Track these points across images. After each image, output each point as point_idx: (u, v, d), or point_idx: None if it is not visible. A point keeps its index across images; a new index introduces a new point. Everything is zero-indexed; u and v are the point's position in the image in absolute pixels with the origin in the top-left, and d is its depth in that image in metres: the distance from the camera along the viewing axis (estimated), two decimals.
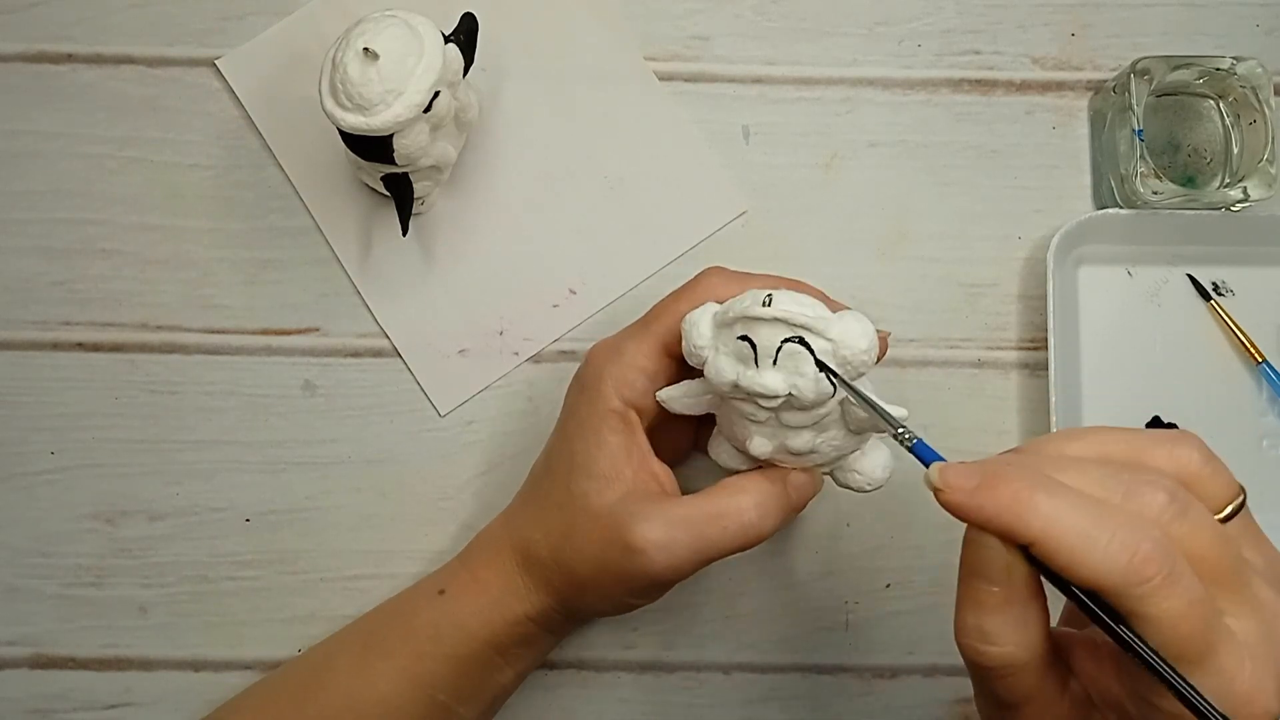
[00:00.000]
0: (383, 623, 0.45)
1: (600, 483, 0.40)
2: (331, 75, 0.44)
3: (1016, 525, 0.28)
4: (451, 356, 0.51)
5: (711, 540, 0.39)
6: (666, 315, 0.41)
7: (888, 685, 0.50)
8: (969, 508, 0.29)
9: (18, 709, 0.49)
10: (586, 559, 0.40)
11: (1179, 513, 0.28)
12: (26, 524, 0.50)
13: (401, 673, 0.43)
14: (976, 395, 0.52)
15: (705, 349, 0.38)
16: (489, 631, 0.43)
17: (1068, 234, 0.50)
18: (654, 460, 0.41)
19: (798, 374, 0.36)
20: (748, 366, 0.37)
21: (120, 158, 0.52)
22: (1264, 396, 0.52)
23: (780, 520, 0.40)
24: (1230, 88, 0.51)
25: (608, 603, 0.42)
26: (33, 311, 0.51)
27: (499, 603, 0.43)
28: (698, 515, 0.39)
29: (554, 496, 0.42)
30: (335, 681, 0.44)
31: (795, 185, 0.53)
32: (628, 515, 0.39)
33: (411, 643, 0.43)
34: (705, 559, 0.39)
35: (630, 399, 0.41)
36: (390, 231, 0.51)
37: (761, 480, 0.40)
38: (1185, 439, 0.31)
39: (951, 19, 0.54)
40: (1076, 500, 0.28)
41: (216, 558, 0.50)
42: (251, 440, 0.51)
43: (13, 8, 0.53)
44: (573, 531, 0.41)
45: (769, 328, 0.36)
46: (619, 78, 0.53)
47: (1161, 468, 0.30)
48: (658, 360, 0.41)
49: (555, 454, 0.43)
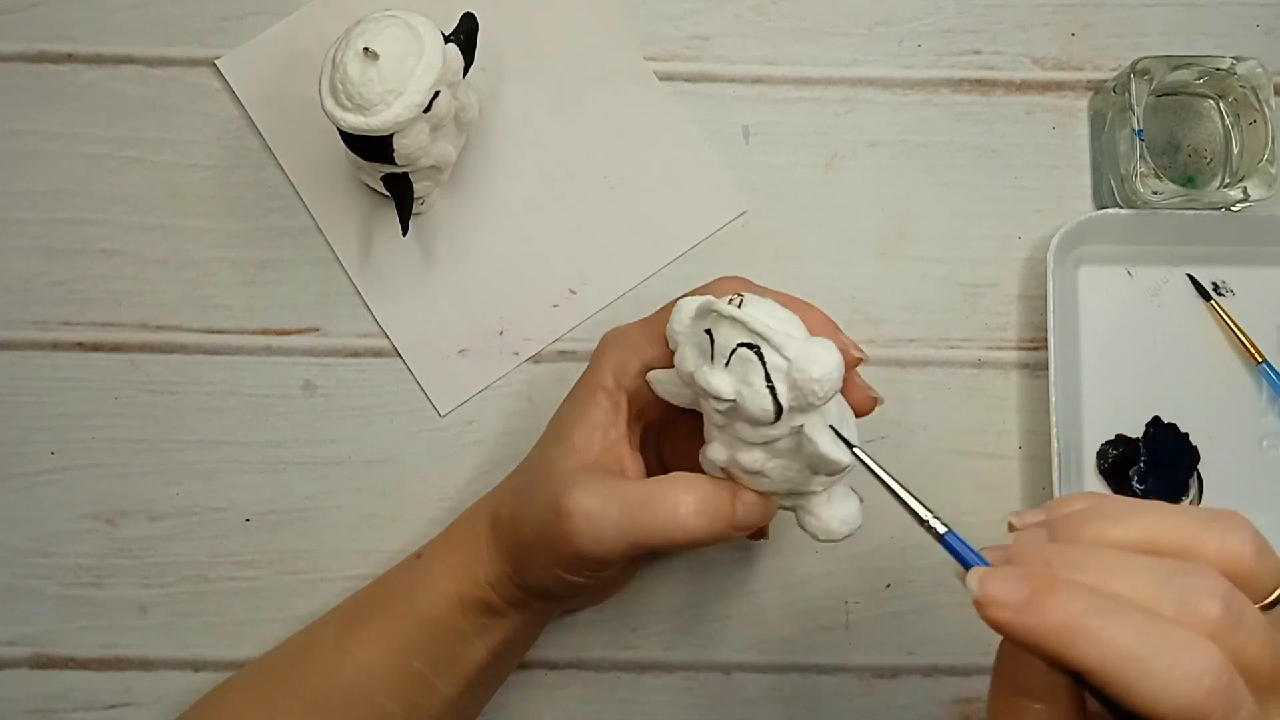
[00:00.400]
0: (365, 593, 0.46)
1: (566, 450, 0.40)
2: (331, 75, 0.44)
3: (1071, 654, 0.27)
4: (451, 356, 0.51)
5: (640, 523, 0.37)
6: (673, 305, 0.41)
7: (888, 685, 0.50)
8: (1017, 628, 0.27)
9: (18, 709, 0.49)
10: (531, 520, 0.40)
11: (1234, 624, 0.27)
12: (26, 524, 0.50)
13: (379, 638, 0.43)
14: (976, 395, 0.52)
15: (679, 334, 0.38)
16: (456, 593, 0.43)
17: (1068, 234, 0.50)
18: (626, 446, 0.41)
19: (746, 383, 0.35)
20: (705, 362, 0.36)
21: (120, 158, 0.52)
22: (1264, 396, 0.52)
23: (717, 530, 0.38)
24: (1230, 88, 0.51)
25: (546, 574, 0.41)
26: (33, 311, 0.51)
27: (466, 564, 0.43)
28: (633, 496, 0.38)
29: (531, 460, 0.43)
30: (319, 654, 0.44)
31: (795, 185, 0.53)
32: (570, 481, 0.39)
33: (388, 605, 0.44)
34: (632, 542, 0.38)
35: (624, 383, 0.41)
36: (390, 231, 0.51)
37: (710, 484, 0.38)
38: (1235, 524, 0.29)
39: (951, 19, 0.54)
40: (1132, 623, 0.26)
41: (216, 558, 0.50)
42: (251, 440, 0.51)
43: (13, 8, 0.53)
44: (531, 492, 0.41)
45: (730, 328, 0.35)
46: (619, 78, 0.53)
47: (1211, 560, 0.28)
48: (657, 348, 0.41)
49: (549, 424, 0.43)
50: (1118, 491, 0.51)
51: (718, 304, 0.36)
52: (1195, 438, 0.51)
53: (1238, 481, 0.51)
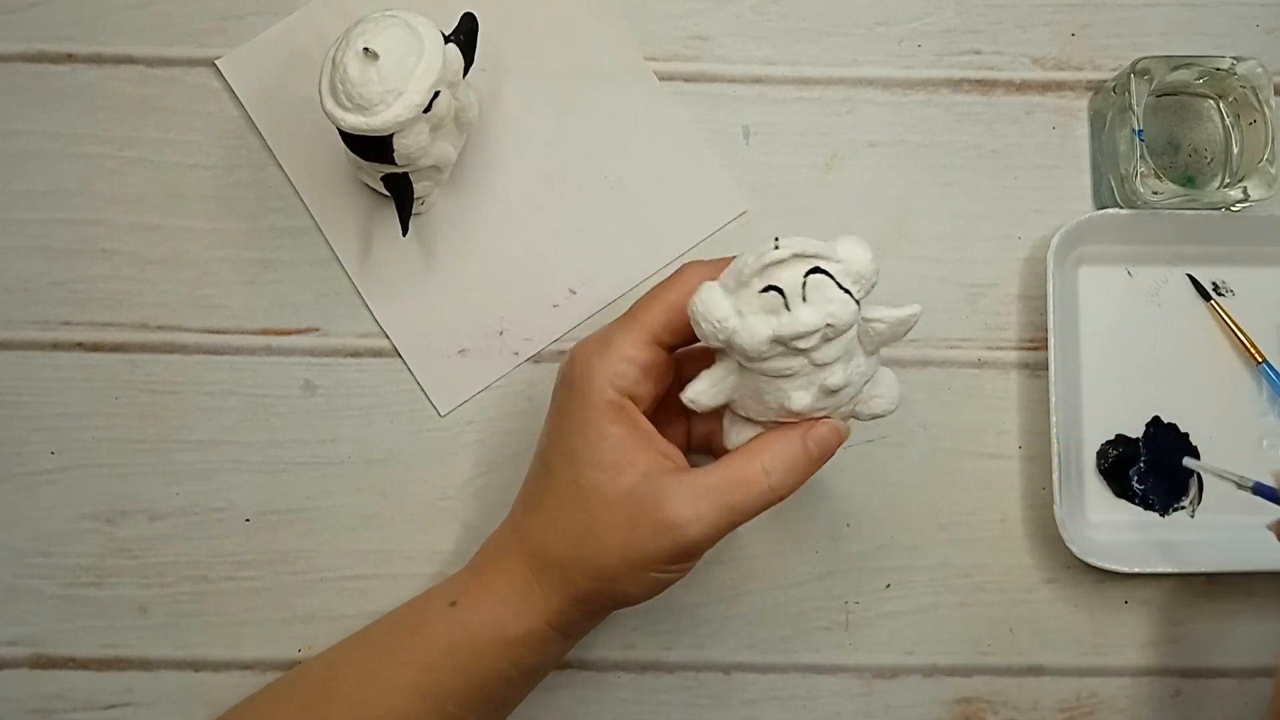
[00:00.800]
0: (391, 634, 0.45)
1: (611, 473, 0.40)
2: (331, 75, 0.44)
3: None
4: (451, 356, 0.51)
5: (737, 506, 0.39)
6: (654, 306, 0.41)
7: (888, 685, 0.50)
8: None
9: (18, 709, 0.49)
10: (612, 548, 0.40)
11: None
12: (26, 524, 0.50)
13: (413, 687, 0.42)
14: (976, 395, 0.52)
15: (729, 319, 0.38)
16: (503, 642, 0.42)
17: (1068, 234, 0.50)
18: (660, 440, 0.42)
19: (827, 301, 0.37)
20: (779, 314, 0.37)
21: (120, 158, 0.52)
22: (1264, 396, 0.52)
23: (802, 477, 0.40)
24: (1230, 88, 0.51)
25: (641, 586, 0.42)
26: (33, 311, 0.51)
27: (514, 612, 0.42)
28: (721, 484, 0.39)
29: (560, 496, 0.42)
30: (344, 692, 0.43)
31: (795, 185, 0.53)
32: (654, 495, 0.39)
33: (423, 655, 0.43)
34: (734, 524, 0.40)
35: (624, 389, 0.41)
36: (390, 231, 0.51)
37: (778, 440, 0.40)
38: None
39: (951, 19, 0.54)
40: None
41: (216, 558, 0.50)
42: (251, 440, 0.51)
43: (13, 8, 0.53)
44: (592, 524, 0.40)
45: (788, 269, 0.37)
46: (619, 78, 0.53)
47: None
48: (647, 350, 0.41)
49: (553, 454, 0.42)
50: (1117, 492, 0.51)
51: (769, 256, 0.37)
52: (1195, 438, 0.51)
53: None
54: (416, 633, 0.44)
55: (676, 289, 0.41)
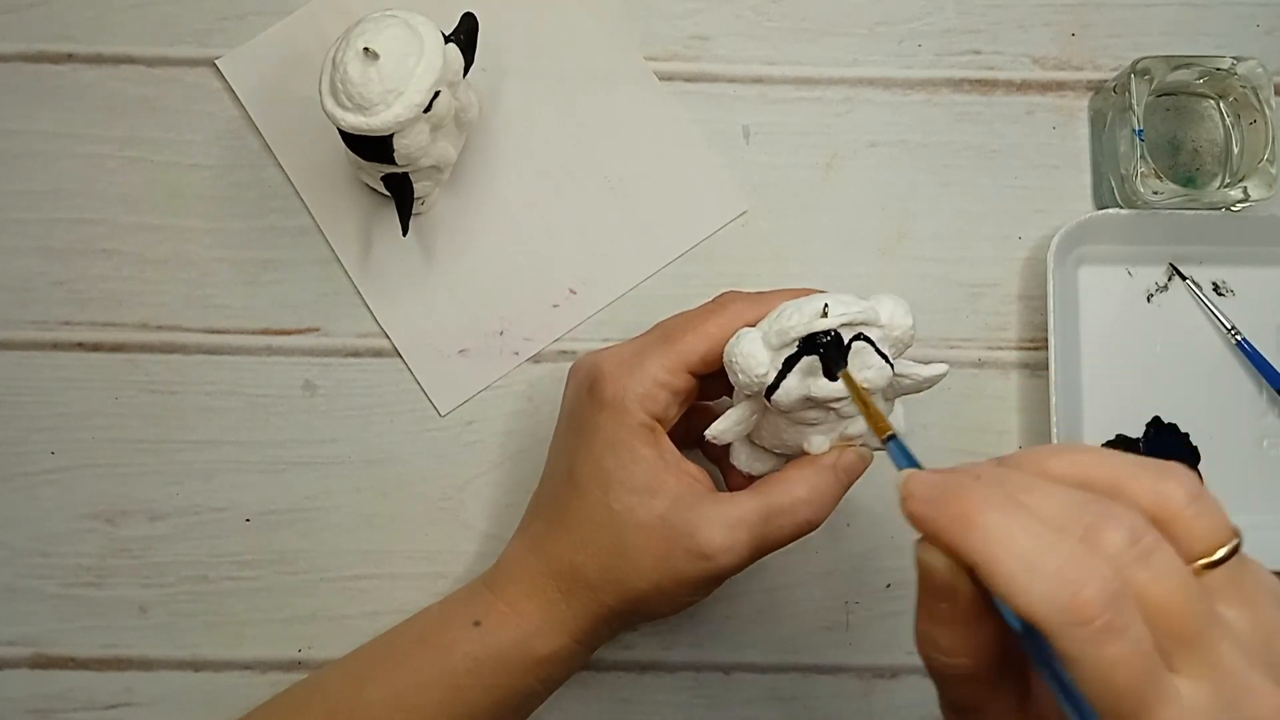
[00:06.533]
0: (412, 651, 0.44)
1: (644, 496, 0.40)
2: (331, 75, 0.44)
3: (959, 543, 0.27)
4: (451, 356, 0.51)
5: (771, 536, 0.40)
6: (691, 335, 0.41)
7: (888, 685, 0.50)
8: (921, 518, 0.28)
9: (18, 709, 0.49)
10: (644, 571, 0.40)
11: (1140, 556, 0.26)
12: (26, 524, 0.50)
13: (440, 707, 0.42)
14: (976, 395, 0.52)
15: (770, 376, 0.38)
16: (532, 660, 0.42)
17: (1068, 234, 0.50)
18: (687, 464, 0.42)
19: (865, 367, 0.37)
20: (816, 377, 0.37)
21: (120, 158, 0.52)
22: (1264, 396, 0.52)
23: (833, 506, 0.41)
24: (1230, 88, 0.51)
25: (670, 607, 0.43)
26: (33, 311, 0.51)
27: (542, 632, 0.42)
28: (754, 516, 0.40)
29: (591, 516, 0.41)
30: (368, 714, 0.43)
31: (795, 185, 0.53)
32: (686, 523, 0.39)
33: (449, 676, 0.43)
34: (765, 553, 0.40)
35: (654, 412, 0.41)
36: (390, 231, 0.51)
37: (810, 470, 0.40)
38: (1174, 472, 0.29)
39: (951, 19, 0.54)
40: (1028, 526, 0.26)
41: (216, 558, 0.50)
42: (251, 440, 0.51)
43: (13, 8, 0.53)
44: (624, 548, 0.40)
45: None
46: (619, 78, 0.53)
47: (1139, 501, 0.28)
48: (680, 377, 0.41)
49: (583, 473, 0.42)
50: None
51: (816, 322, 0.37)
52: (1195, 438, 0.51)
53: (1238, 481, 0.51)
54: (442, 653, 0.43)
55: (717, 322, 0.41)
